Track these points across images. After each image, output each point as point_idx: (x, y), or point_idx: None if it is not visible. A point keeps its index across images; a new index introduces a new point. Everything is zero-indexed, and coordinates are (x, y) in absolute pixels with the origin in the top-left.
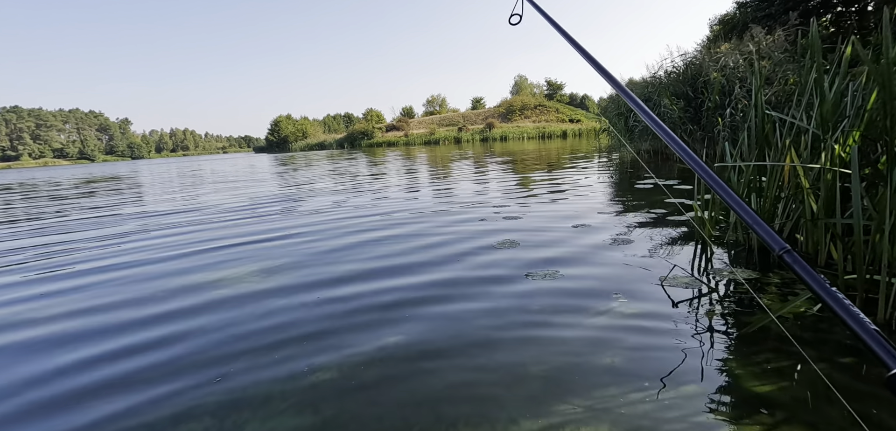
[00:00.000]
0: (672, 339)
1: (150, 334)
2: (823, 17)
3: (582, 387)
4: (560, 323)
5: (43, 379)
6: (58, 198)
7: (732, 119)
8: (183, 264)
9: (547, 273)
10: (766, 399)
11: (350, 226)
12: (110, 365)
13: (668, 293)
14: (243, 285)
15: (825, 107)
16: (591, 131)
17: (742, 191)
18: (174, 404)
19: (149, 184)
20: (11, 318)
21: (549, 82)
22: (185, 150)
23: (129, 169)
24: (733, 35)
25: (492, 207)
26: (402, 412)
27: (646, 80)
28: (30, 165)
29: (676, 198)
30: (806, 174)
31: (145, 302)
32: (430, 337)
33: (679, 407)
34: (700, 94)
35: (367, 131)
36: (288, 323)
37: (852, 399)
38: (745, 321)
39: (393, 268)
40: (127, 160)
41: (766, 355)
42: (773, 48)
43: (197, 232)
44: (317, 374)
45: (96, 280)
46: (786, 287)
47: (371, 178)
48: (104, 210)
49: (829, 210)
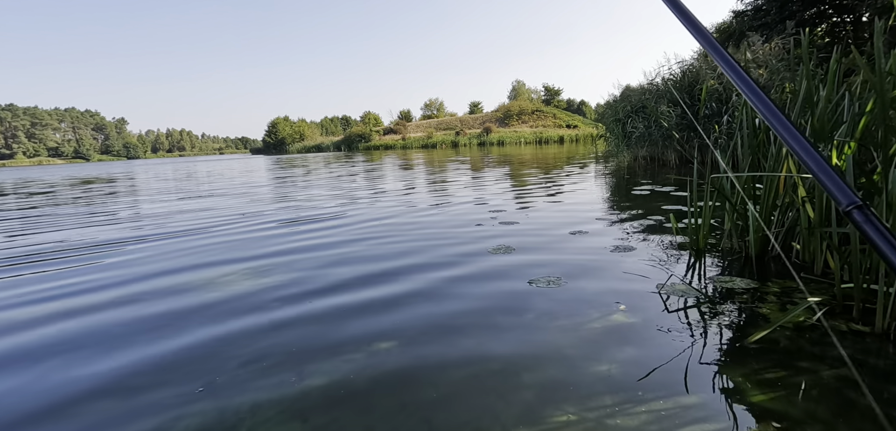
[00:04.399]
0: (669, 348)
1: (136, 339)
2: (819, 27)
3: (577, 397)
4: (555, 330)
5: (17, 389)
6: (52, 199)
7: (729, 126)
8: (171, 264)
9: (543, 279)
10: (766, 410)
11: (344, 230)
12: (92, 372)
13: (666, 301)
14: (232, 289)
15: (818, 116)
16: (587, 137)
17: (736, 198)
18: (158, 413)
19: (127, 191)
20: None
21: (546, 88)
22: (182, 151)
23: (120, 170)
24: (730, 43)
25: (488, 212)
26: (394, 421)
27: (643, 87)
28: (24, 164)
29: (672, 205)
30: (802, 183)
31: (131, 304)
32: (423, 344)
33: (676, 417)
34: (697, 102)
35: (365, 134)
36: (277, 329)
37: (850, 408)
38: (742, 331)
39: (385, 274)
40: (123, 160)
41: (765, 365)
42: (771, 56)
43: (186, 234)
44: (306, 382)
45: (80, 280)
46: (784, 296)
47: (367, 181)
48: (96, 210)
49: (825, 219)
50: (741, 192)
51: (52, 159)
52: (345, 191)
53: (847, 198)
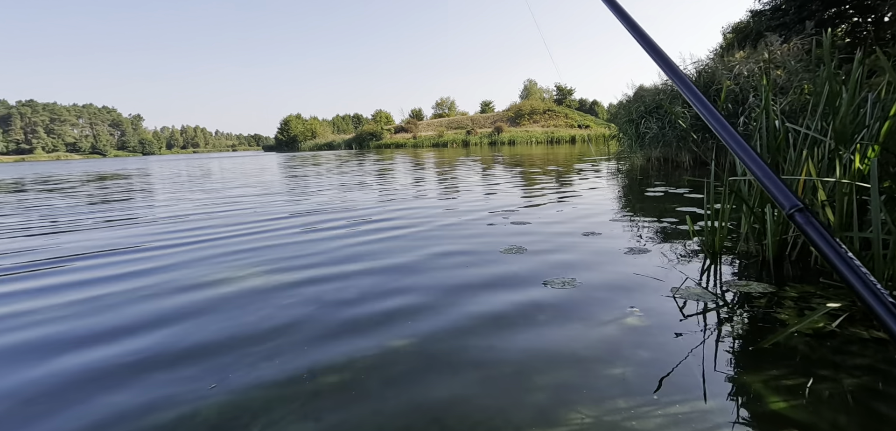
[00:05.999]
0: (685, 352)
1: (148, 333)
2: (839, 28)
3: (591, 399)
4: (569, 332)
5: (34, 380)
6: (71, 194)
7: (746, 128)
8: (184, 258)
9: (557, 281)
10: (785, 418)
11: (355, 228)
12: (104, 365)
13: (681, 304)
14: (245, 284)
15: (840, 118)
16: (599, 137)
17: (754, 200)
18: (172, 406)
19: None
20: (8, 315)
21: (558, 87)
22: (196, 147)
23: (136, 166)
24: (747, 43)
25: (500, 212)
26: (406, 421)
27: (657, 88)
28: (43, 159)
29: (686, 207)
30: (822, 186)
31: (144, 299)
32: (435, 344)
33: (693, 422)
34: (713, 103)
35: (376, 132)
36: (288, 326)
37: (873, 419)
38: (760, 335)
39: (396, 272)
40: (138, 156)
41: (784, 372)
42: (789, 56)
43: (199, 228)
44: (318, 380)
45: (95, 275)
46: (802, 301)
47: (379, 180)
48: (113, 206)
49: (845, 224)
50: (757, 193)
51: (69, 154)
52: (357, 190)
53: (790, 202)
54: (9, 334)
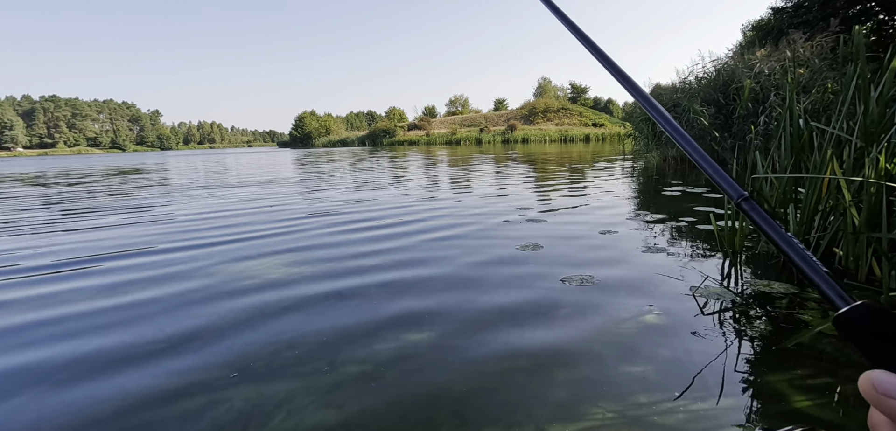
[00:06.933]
0: (704, 351)
1: (172, 325)
2: (864, 25)
3: (611, 396)
4: (588, 329)
5: (51, 370)
6: (93, 190)
7: (766, 127)
8: (205, 254)
9: (576, 277)
10: (807, 417)
11: (372, 224)
12: (131, 356)
13: (701, 303)
14: (266, 278)
15: (869, 117)
16: (614, 136)
17: (776, 202)
18: (197, 394)
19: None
20: (24, 306)
21: (573, 85)
22: (212, 143)
23: (154, 161)
24: (768, 41)
25: (516, 209)
26: (426, 413)
27: (675, 86)
28: (65, 153)
29: (704, 206)
30: (847, 186)
31: (167, 293)
32: (453, 338)
33: (712, 419)
34: (732, 101)
35: (389, 129)
36: (309, 318)
37: None
38: (782, 335)
39: (413, 268)
40: (156, 150)
41: (807, 372)
42: (813, 54)
43: (220, 223)
44: (339, 372)
45: (117, 267)
46: (826, 302)
47: (393, 177)
48: (132, 202)
49: (872, 224)
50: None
51: (90, 149)
52: (372, 187)
53: (736, 193)
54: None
